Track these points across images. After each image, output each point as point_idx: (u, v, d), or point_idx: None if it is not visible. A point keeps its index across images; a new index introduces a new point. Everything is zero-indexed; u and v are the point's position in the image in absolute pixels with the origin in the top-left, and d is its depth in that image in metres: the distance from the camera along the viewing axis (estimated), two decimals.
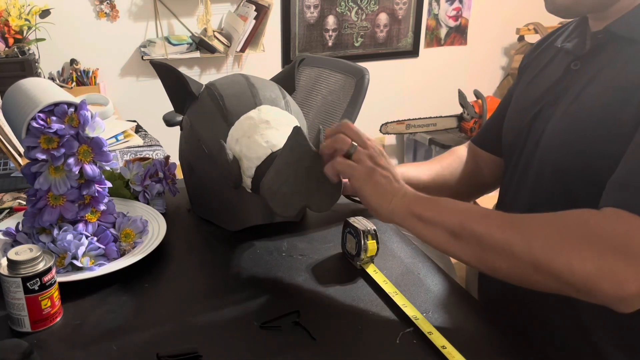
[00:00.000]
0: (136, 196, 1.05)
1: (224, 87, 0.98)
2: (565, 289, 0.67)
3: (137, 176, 1.05)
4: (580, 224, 0.67)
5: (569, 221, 0.69)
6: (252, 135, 0.88)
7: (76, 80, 2.65)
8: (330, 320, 0.77)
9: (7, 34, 2.33)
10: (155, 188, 1.05)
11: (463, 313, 0.80)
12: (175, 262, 0.92)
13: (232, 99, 0.94)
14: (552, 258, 0.66)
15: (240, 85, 0.97)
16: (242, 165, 0.88)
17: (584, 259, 0.64)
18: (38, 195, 0.87)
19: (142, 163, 1.08)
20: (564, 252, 0.66)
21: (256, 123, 0.90)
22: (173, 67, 0.99)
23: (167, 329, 0.76)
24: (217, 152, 0.87)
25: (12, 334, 0.75)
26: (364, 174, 0.78)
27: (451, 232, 0.73)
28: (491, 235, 0.71)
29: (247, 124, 0.90)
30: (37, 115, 0.83)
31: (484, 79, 3.62)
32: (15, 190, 1.33)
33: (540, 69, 0.98)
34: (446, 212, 0.75)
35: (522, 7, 3.48)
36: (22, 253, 0.74)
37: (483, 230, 0.71)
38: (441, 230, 0.74)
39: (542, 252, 0.67)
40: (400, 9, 3.29)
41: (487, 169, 1.11)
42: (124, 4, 2.75)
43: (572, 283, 0.66)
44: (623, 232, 0.65)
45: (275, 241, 0.97)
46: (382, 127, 3.20)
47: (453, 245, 0.74)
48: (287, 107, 0.96)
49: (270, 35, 3.02)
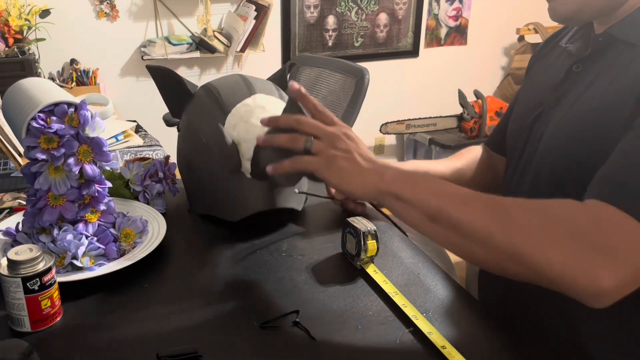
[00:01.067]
0: (136, 196, 1.05)
1: (219, 83, 1.01)
2: (540, 280, 0.67)
3: (137, 176, 1.05)
4: (566, 219, 0.66)
5: (554, 214, 0.67)
6: (249, 120, 0.92)
7: (76, 80, 2.65)
8: (330, 320, 0.77)
9: (7, 34, 2.33)
10: (155, 188, 1.05)
11: (463, 313, 0.80)
12: (175, 262, 0.92)
13: (227, 91, 0.97)
14: (532, 250, 0.65)
15: (235, 81, 1.00)
16: (241, 149, 0.91)
17: (564, 253, 0.64)
18: (38, 195, 0.87)
19: (142, 163, 1.08)
20: (544, 245, 0.65)
21: (252, 109, 0.93)
22: (169, 69, 1.01)
23: (167, 329, 0.76)
24: (215, 139, 0.89)
25: (12, 334, 0.75)
26: (323, 165, 0.75)
27: (428, 215, 0.72)
28: (470, 223, 0.69)
29: (243, 110, 0.93)
30: (37, 115, 0.83)
31: (484, 79, 3.62)
32: (15, 190, 1.33)
33: (545, 69, 0.98)
34: (424, 194, 0.72)
35: (522, 7, 3.48)
36: (22, 253, 0.74)
37: (462, 217, 0.69)
38: (418, 212, 0.72)
39: (523, 243, 0.66)
40: (400, 9, 3.29)
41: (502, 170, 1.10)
42: (124, 4, 2.75)
43: (549, 276, 0.65)
44: (606, 229, 0.64)
45: (275, 241, 0.97)
46: (382, 127, 3.20)
47: (430, 227, 0.72)
48: (282, 98, 0.98)
49: (270, 35, 3.02)
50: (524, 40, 3.49)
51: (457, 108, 3.29)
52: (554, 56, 0.97)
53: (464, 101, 3.16)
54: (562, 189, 0.83)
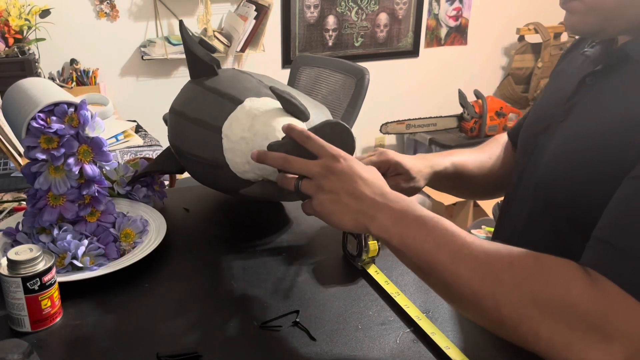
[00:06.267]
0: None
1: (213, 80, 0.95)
2: (528, 349, 0.63)
3: (122, 179, 1.04)
4: (562, 290, 0.61)
5: (549, 283, 0.61)
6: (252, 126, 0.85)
7: (76, 80, 2.65)
8: (330, 320, 0.77)
9: (7, 33, 2.33)
10: (142, 192, 1.04)
11: None
12: (175, 262, 0.92)
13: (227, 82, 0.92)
14: (519, 323, 0.62)
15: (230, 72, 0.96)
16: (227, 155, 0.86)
17: (554, 329, 0.60)
18: (38, 195, 0.87)
19: (130, 163, 1.07)
20: (534, 319, 0.61)
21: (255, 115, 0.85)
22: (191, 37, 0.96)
23: (167, 329, 0.76)
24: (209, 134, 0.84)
25: (12, 334, 0.75)
26: (314, 208, 0.73)
27: (419, 268, 0.68)
28: (459, 285, 0.64)
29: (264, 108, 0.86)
30: (37, 115, 0.83)
31: (484, 79, 3.62)
32: (15, 190, 1.33)
33: (566, 73, 0.90)
34: (414, 245, 0.67)
35: (522, 7, 3.48)
36: (22, 253, 0.74)
37: (450, 279, 0.65)
38: (409, 262, 0.69)
39: (510, 316, 0.62)
40: (400, 8, 3.29)
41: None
42: (124, 4, 2.75)
43: (536, 349, 0.62)
44: (603, 309, 0.59)
45: (275, 241, 0.97)
46: (382, 127, 3.20)
47: (423, 278, 0.70)
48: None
49: (270, 35, 3.02)
50: (524, 40, 3.49)
51: (457, 108, 3.29)
52: (580, 60, 0.88)
53: (464, 101, 3.16)
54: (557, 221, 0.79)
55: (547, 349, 0.61)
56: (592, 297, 0.60)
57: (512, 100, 3.53)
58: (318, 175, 0.72)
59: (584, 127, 0.76)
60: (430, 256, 0.66)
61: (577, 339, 0.59)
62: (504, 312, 0.62)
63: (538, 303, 0.61)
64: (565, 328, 0.60)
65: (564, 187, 0.76)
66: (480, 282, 0.63)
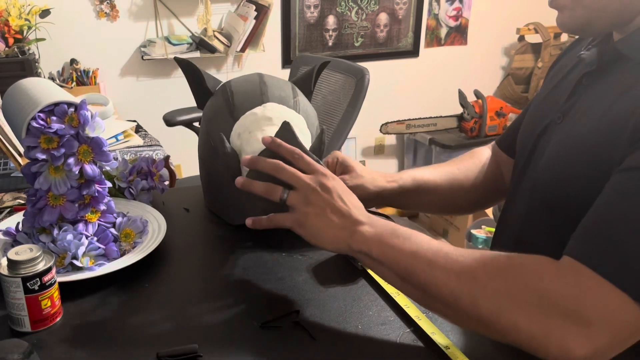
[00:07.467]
0: (122, 192, 1.06)
1: (237, 84, 1.00)
2: (512, 344, 0.65)
3: (122, 173, 1.07)
4: (534, 280, 0.63)
5: (522, 275, 0.64)
6: (253, 131, 0.90)
7: (76, 80, 2.65)
8: (330, 320, 0.77)
9: (7, 33, 2.33)
10: (140, 184, 1.06)
11: None
12: (175, 262, 0.92)
13: (241, 95, 0.96)
14: (497, 317, 0.63)
15: (252, 84, 0.98)
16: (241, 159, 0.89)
17: (531, 319, 0.62)
18: (38, 195, 0.87)
19: (129, 160, 1.09)
20: (511, 311, 0.63)
21: (258, 119, 0.91)
22: (193, 64, 1.03)
23: (167, 329, 0.76)
24: (220, 144, 0.88)
25: (12, 334, 0.75)
26: (296, 223, 0.75)
27: (398, 275, 0.71)
28: (436, 286, 0.67)
29: (249, 120, 0.92)
30: (37, 115, 0.83)
31: (484, 79, 3.62)
32: (15, 190, 1.33)
33: (562, 78, 0.90)
34: (393, 254, 0.71)
35: (522, 7, 3.48)
36: (22, 253, 0.74)
37: (428, 280, 0.68)
38: (388, 273, 0.72)
39: (487, 310, 0.64)
40: (400, 8, 3.29)
41: (507, 174, 1.03)
42: (124, 4, 2.75)
43: (518, 342, 0.63)
44: (576, 293, 0.61)
45: (275, 241, 0.97)
46: (382, 127, 3.20)
47: (400, 285, 0.72)
48: (296, 106, 0.96)
49: (270, 35, 3.02)
50: (524, 40, 3.49)
51: (457, 108, 3.28)
52: (572, 64, 0.89)
53: (464, 101, 3.16)
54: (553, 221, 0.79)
55: (528, 340, 0.63)
56: (564, 283, 0.62)
57: (512, 100, 3.53)
58: (307, 189, 0.75)
59: (579, 127, 0.78)
60: (408, 261, 0.70)
61: (555, 327, 0.61)
62: (482, 308, 0.64)
63: (512, 294, 0.63)
64: (541, 317, 0.61)
65: (561, 186, 0.77)
66: (456, 280, 0.66)
